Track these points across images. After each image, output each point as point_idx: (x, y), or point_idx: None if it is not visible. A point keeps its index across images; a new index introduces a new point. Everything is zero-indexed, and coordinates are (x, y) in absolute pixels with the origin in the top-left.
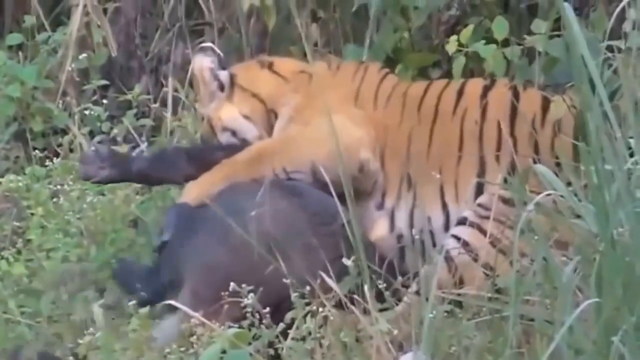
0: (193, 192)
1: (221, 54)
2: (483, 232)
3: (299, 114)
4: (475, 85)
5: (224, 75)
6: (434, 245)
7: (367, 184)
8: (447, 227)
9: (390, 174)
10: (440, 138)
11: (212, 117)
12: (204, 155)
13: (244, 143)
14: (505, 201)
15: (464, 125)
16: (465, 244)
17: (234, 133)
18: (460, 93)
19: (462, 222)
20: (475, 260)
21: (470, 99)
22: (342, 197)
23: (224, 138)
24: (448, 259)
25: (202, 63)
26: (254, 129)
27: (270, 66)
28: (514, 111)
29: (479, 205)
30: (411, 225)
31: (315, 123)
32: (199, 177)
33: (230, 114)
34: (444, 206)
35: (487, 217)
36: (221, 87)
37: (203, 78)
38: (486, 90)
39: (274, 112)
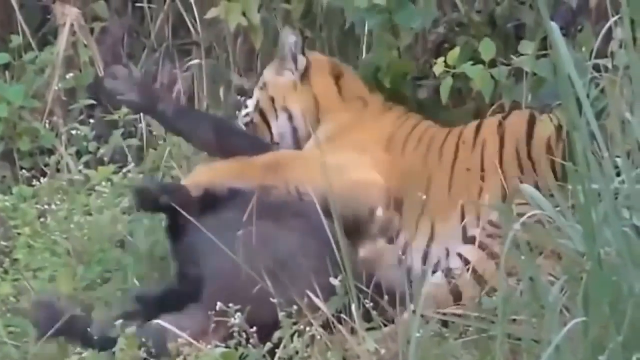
0: (205, 177)
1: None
2: (488, 251)
3: (335, 137)
4: (491, 120)
5: (301, 60)
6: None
7: (373, 227)
8: None
9: (409, 212)
10: (461, 173)
11: (276, 92)
12: (228, 134)
13: (266, 144)
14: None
15: (484, 157)
16: (467, 263)
17: (290, 117)
18: (478, 128)
19: (468, 240)
20: (478, 281)
21: (489, 132)
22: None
23: (282, 117)
24: (449, 277)
25: (288, 38)
26: (304, 128)
27: (337, 77)
28: (529, 136)
29: (489, 223)
30: (425, 260)
31: (341, 155)
32: (213, 164)
33: (294, 102)
34: (466, 237)
35: (492, 235)
36: (294, 70)
37: (283, 52)
38: (502, 121)
39: (319, 121)
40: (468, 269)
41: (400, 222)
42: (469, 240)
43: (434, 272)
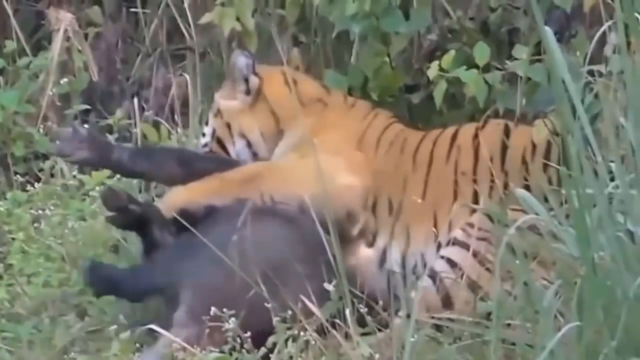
0: (180, 197)
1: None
2: (472, 251)
3: (302, 144)
4: (468, 128)
5: (253, 81)
6: None
7: (352, 229)
8: None
9: (383, 215)
10: (435, 179)
11: (231, 119)
12: (195, 163)
13: (234, 160)
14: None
15: (458, 165)
16: (454, 265)
17: (249, 144)
18: (454, 137)
19: (451, 242)
20: (464, 282)
21: (463, 141)
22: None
23: (239, 145)
24: (436, 280)
25: (237, 61)
26: (265, 148)
27: (293, 84)
28: (504, 147)
29: (469, 224)
30: (404, 264)
31: (312, 159)
32: (188, 184)
33: (250, 126)
34: (439, 244)
35: (477, 237)
36: (247, 91)
37: (234, 75)
38: (477, 131)
39: (282, 133)
40: (458, 273)
41: (376, 225)
42: (450, 242)
43: (416, 277)
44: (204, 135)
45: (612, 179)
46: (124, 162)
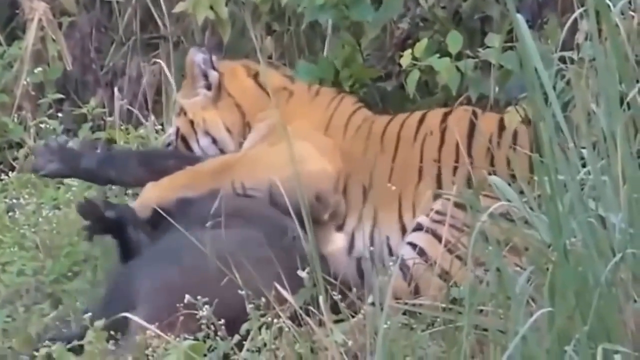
0: (153, 195)
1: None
2: (438, 237)
3: (270, 133)
4: (436, 112)
5: (213, 76)
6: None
7: (324, 213)
8: None
9: (353, 199)
10: (401, 163)
11: (194, 115)
12: (155, 161)
13: (194, 155)
14: (459, 206)
15: (424, 149)
16: (421, 251)
17: (214, 141)
18: (421, 120)
19: (417, 228)
20: (431, 267)
21: (431, 125)
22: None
23: (204, 142)
24: (404, 267)
25: (195, 58)
26: (232, 143)
27: (255, 76)
28: (471, 132)
29: (434, 211)
30: (371, 246)
31: (281, 146)
32: (160, 180)
33: (214, 122)
34: (403, 226)
35: (442, 222)
36: (208, 87)
37: (192, 72)
38: (446, 115)
39: (249, 126)
40: (424, 260)
41: (347, 208)
42: (416, 228)
43: (382, 262)
44: (169, 138)
45: (583, 165)
46: (92, 169)
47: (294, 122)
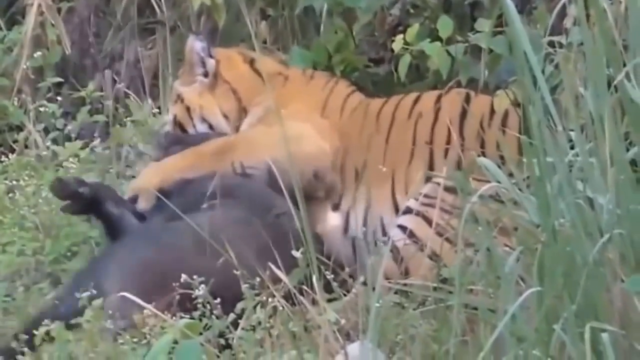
0: (156, 176)
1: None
2: (428, 220)
3: (267, 116)
4: (430, 94)
5: (210, 63)
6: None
7: (321, 191)
8: None
9: (348, 178)
10: (395, 143)
11: (191, 102)
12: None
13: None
14: (449, 189)
15: (417, 129)
16: (411, 234)
17: (211, 127)
18: (415, 101)
19: (407, 211)
20: (421, 249)
21: (425, 106)
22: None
23: (201, 128)
24: (394, 249)
25: (193, 45)
26: (228, 129)
27: (251, 63)
28: (464, 114)
29: (423, 194)
30: (365, 226)
31: (279, 126)
32: (162, 162)
33: (211, 108)
34: (396, 206)
35: (432, 205)
36: (205, 74)
37: (191, 60)
38: (439, 97)
39: (245, 111)
40: (413, 242)
41: (342, 188)
42: (405, 211)
43: (375, 242)
44: (165, 127)
45: (571, 148)
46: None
47: (291, 105)
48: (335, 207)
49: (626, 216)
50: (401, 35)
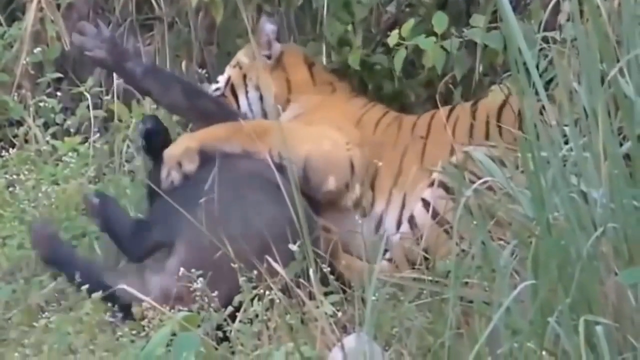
0: (193, 140)
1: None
2: (432, 212)
3: (307, 114)
4: (466, 105)
5: (276, 48)
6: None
7: (349, 200)
8: None
9: (382, 185)
10: (432, 147)
11: (249, 71)
12: (198, 97)
13: (234, 112)
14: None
15: (455, 133)
16: (415, 226)
17: (261, 97)
18: (451, 110)
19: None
20: (442, 228)
21: (461, 114)
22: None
23: (253, 95)
24: (414, 225)
25: (265, 26)
26: (272, 108)
27: (310, 65)
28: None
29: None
30: (399, 224)
31: (319, 127)
32: (200, 131)
33: (267, 84)
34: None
35: (439, 197)
36: (268, 56)
37: (259, 38)
38: (475, 104)
39: (288, 102)
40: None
41: (374, 195)
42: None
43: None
44: (217, 82)
45: (566, 142)
46: (135, 75)
47: (330, 112)
48: (364, 215)
49: (620, 210)
50: (396, 30)
